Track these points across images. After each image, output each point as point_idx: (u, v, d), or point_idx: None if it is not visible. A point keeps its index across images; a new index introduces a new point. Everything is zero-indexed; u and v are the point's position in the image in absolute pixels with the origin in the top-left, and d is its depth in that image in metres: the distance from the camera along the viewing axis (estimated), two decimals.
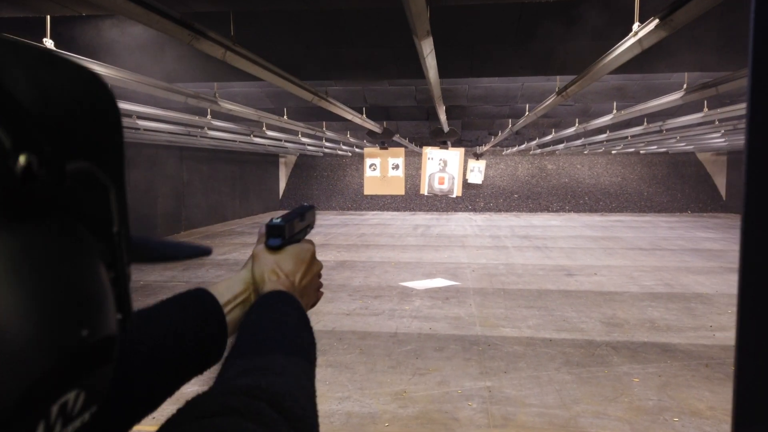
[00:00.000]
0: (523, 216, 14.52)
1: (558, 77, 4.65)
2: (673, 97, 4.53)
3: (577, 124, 7.43)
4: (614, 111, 5.83)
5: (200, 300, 0.46)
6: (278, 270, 0.51)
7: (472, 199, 16.07)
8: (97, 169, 0.23)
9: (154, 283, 5.62)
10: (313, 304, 0.56)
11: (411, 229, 11.33)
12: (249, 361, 0.39)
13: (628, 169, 15.84)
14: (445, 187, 10.36)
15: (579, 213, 15.31)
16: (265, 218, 14.07)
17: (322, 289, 0.57)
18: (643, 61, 3.64)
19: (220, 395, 0.33)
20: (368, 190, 11.02)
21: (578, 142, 10.18)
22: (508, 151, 14.42)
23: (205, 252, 0.39)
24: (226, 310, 0.48)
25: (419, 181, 13.67)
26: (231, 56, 2.73)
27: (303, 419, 0.34)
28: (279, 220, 0.53)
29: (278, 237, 0.53)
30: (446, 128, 7.61)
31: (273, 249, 0.53)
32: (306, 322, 0.47)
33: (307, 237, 0.59)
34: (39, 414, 0.18)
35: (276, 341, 0.42)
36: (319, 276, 0.56)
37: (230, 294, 0.49)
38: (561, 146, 11.55)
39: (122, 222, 0.24)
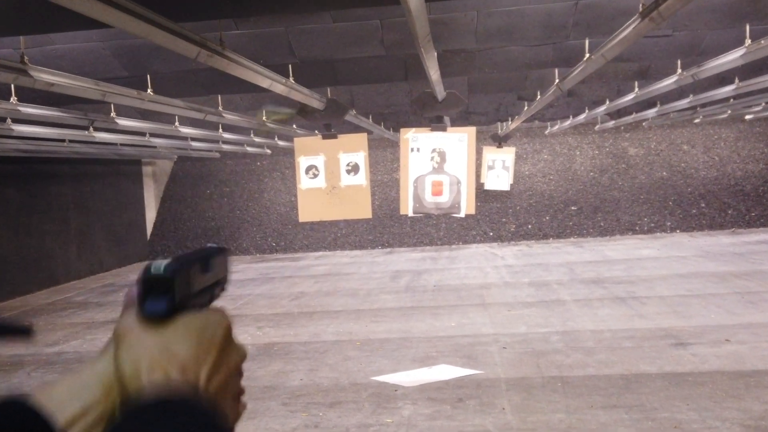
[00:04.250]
0: (590, 244, 14.67)
1: None
2: None
3: (679, 71, 7.34)
4: (747, 41, 5.67)
5: (16, 421, 0.49)
6: (166, 360, 0.55)
7: (495, 218, 16.21)
8: None
9: None
10: (231, 428, 0.58)
11: (388, 280, 11.49)
12: None
13: None
14: (445, 199, 10.09)
15: (691, 232, 15.25)
16: (124, 274, 14.31)
17: (244, 397, 0.62)
18: None
19: None
20: (306, 215, 10.79)
21: (683, 102, 10.40)
22: (555, 127, 14.74)
23: (24, 332, 0.43)
24: None
25: (397, 192, 13.45)
26: None
27: None
28: (164, 267, 0.57)
29: (163, 297, 0.57)
30: (440, 93, 7.60)
31: (155, 320, 0.57)
32: None
33: (215, 302, 0.65)
34: None
35: None
36: (240, 373, 0.60)
37: (75, 407, 0.52)
38: (652, 112, 11.76)
39: None
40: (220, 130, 11.12)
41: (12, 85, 5.69)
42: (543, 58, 7.46)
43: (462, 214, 10.07)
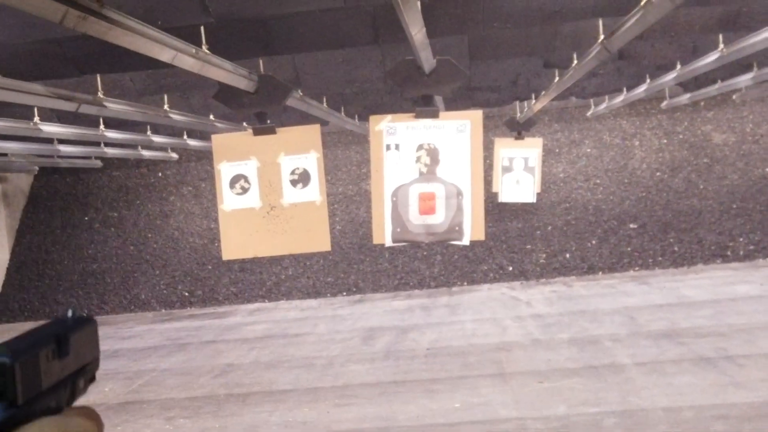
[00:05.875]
0: (658, 279, 14.65)
1: None
2: None
3: None
4: None
5: None
6: None
7: (516, 245, 16.25)
8: None
9: None
10: None
11: (358, 342, 11.52)
12: None
13: None
14: (440, 219, 10.12)
15: None
16: None
17: None
18: None
19: None
20: (233, 249, 10.66)
21: None
22: (602, 106, 14.84)
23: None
24: None
25: (368, 211, 13.45)
26: None
27: None
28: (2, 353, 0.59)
29: None
30: (428, 61, 7.62)
31: None
32: None
33: (81, 400, 0.65)
34: None
35: None
36: None
37: None
38: (746, 79, 11.82)
39: None
40: (102, 127, 11.00)
41: None
42: (580, 4, 7.49)
43: (466, 241, 10.03)
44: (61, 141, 12.15)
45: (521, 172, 15.23)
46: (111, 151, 13.56)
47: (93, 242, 17.04)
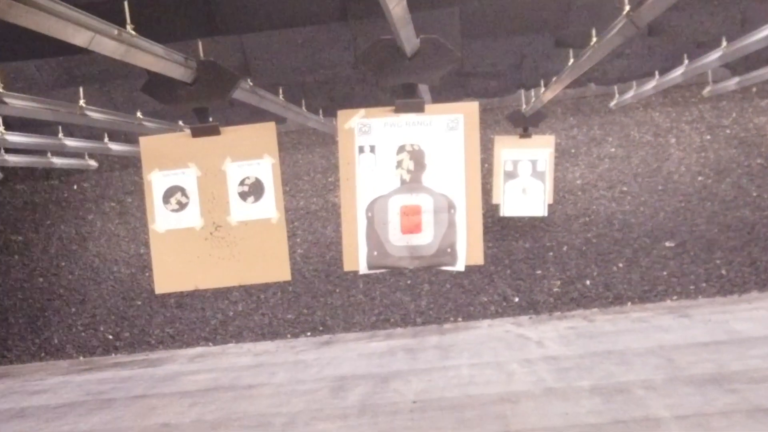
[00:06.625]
0: (702, 310, 14.71)
1: None
2: None
3: None
4: None
5: None
6: None
7: (523, 270, 16.30)
8: None
9: None
10: None
11: (327, 395, 11.50)
12: None
13: None
14: (427, 239, 10.09)
15: None
16: None
17: None
18: None
19: None
20: (168, 280, 10.56)
21: None
22: (629, 95, 14.87)
23: None
24: None
25: (337, 230, 13.47)
26: None
27: None
28: None
29: None
30: (409, 41, 7.63)
31: None
32: None
33: None
34: None
35: None
36: None
37: None
38: None
39: None
40: (1, 129, 10.92)
41: None
42: None
43: (460, 267, 10.02)
44: None
45: (528, 178, 15.13)
46: (13, 159, 13.37)
47: None
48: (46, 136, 11.79)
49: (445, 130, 10.14)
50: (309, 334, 15.91)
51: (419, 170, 10.02)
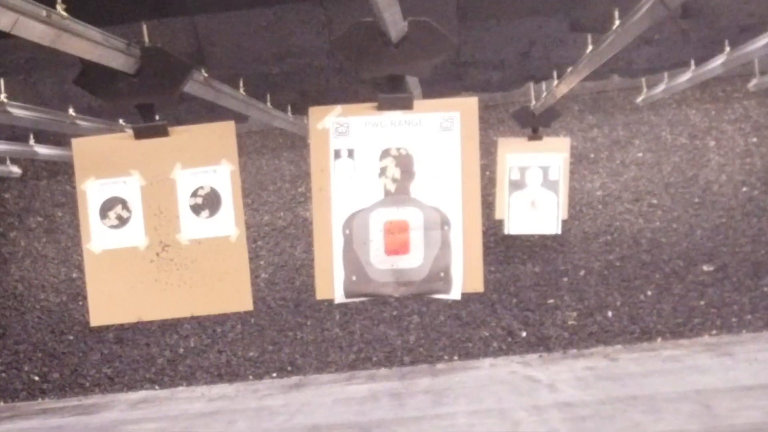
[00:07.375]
0: (747, 347, 14.83)
1: None
2: None
3: None
4: None
5: None
6: None
7: (532, 299, 16.40)
8: None
9: None
10: None
11: None
12: None
13: None
14: (417, 262, 10.30)
15: None
16: None
17: None
18: None
19: None
20: (105, 311, 10.78)
21: None
22: (659, 89, 15.02)
23: None
24: None
25: (308, 251, 13.78)
26: None
27: None
28: None
29: None
30: (395, 25, 7.84)
31: None
32: None
33: None
34: None
35: None
36: None
37: None
38: None
39: None
40: None
41: None
42: None
43: (456, 295, 10.18)
44: None
45: (538, 189, 15.12)
46: None
47: None
48: None
49: (437, 131, 10.40)
50: (275, 375, 15.96)
51: (407, 179, 10.28)
